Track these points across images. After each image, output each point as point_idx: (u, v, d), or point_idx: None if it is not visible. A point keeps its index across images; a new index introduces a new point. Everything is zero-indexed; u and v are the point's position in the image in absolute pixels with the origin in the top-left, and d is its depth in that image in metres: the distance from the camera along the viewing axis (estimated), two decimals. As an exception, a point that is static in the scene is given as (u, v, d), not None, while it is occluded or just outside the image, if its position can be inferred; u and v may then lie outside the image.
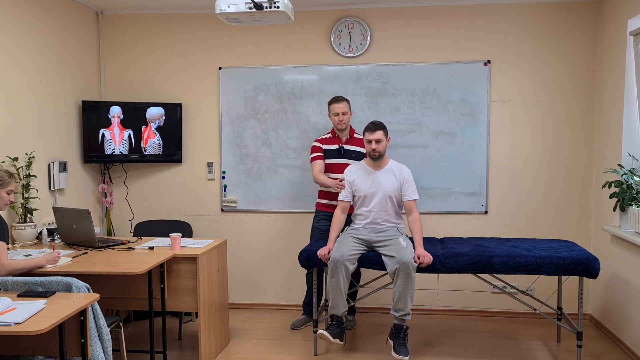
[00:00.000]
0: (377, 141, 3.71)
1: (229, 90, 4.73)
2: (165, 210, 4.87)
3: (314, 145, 4.19)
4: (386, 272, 3.58)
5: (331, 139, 4.18)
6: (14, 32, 3.76)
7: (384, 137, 3.73)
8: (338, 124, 4.11)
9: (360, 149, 4.13)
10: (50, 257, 3.13)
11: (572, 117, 4.44)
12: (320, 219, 4.21)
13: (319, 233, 4.19)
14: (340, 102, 4.10)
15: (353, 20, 4.55)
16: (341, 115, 4.08)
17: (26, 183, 3.75)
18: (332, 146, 4.15)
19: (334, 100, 4.12)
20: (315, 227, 4.24)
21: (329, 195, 4.16)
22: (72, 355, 2.56)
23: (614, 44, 4.09)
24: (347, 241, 3.68)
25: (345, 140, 4.17)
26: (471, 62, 4.49)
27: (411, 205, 3.77)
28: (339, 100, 4.11)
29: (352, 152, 4.15)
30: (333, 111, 4.11)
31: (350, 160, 4.11)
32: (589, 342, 4.04)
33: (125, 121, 4.62)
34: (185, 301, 3.52)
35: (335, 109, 4.09)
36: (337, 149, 4.14)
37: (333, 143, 4.16)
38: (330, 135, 4.20)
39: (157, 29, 4.78)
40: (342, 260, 3.53)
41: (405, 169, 3.82)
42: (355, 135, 4.21)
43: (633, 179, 3.78)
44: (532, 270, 3.45)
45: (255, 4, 2.86)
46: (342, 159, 4.14)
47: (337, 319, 3.63)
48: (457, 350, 3.90)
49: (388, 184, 3.75)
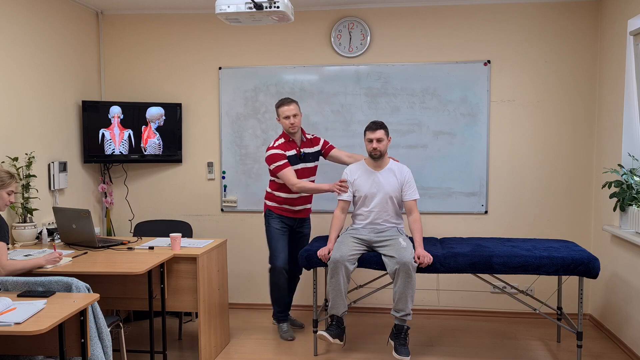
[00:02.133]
0: (378, 140, 3.68)
1: (229, 90, 4.73)
2: (165, 210, 4.87)
3: (275, 153, 3.90)
4: (386, 272, 3.58)
5: (287, 144, 3.95)
6: (14, 32, 3.76)
7: (385, 137, 3.70)
8: (290, 128, 3.90)
9: (316, 149, 4.06)
10: (51, 257, 3.13)
11: (572, 117, 4.44)
12: (278, 222, 4.08)
13: (280, 235, 4.07)
14: (289, 104, 3.89)
15: (353, 20, 4.55)
16: (292, 118, 3.88)
17: (26, 183, 3.75)
18: (290, 152, 3.95)
19: (283, 103, 3.91)
20: (275, 228, 4.07)
21: (290, 201, 4.03)
22: (72, 355, 2.56)
23: (614, 44, 4.09)
24: (347, 241, 3.67)
25: (300, 143, 4.01)
26: (471, 62, 4.49)
27: (412, 205, 3.76)
28: (289, 102, 3.90)
29: (309, 154, 4.04)
30: (283, 114, 3.89)
31: (308, 164, 4.02)
32: (589, 342, 4.04)
33: (125, 121, 4.62)
34: (185, 301, 3.52)
35: (286, 112, 3.88)
36: (296, 155, 3.97)
37: (290, 148, 3.95)
38: (283, 140, 3.96)
39: (157, 29, 4.78)
40: (342, 260, 3.52)
41: (405, 168, 3.81)
42: (307, 135, 4.08)
43: (633, 179, 3.78)
44: (532, 270, 3.45)
45: (255, 4, 2.86)
46: (302, 163, 4.00)
47: (337, 320, 3.63)
48: (457, 350, 3.90)
49: (389, 184, 3.74)
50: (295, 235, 4.20)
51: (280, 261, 4.03)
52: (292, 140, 3.97)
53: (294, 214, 4.10)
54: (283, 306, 4.18)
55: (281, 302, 4.16)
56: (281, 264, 4.03)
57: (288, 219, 4.10)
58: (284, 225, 4.09)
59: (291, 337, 4.10)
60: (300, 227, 4.19)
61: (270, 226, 4.09)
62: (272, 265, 4.07)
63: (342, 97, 4.61)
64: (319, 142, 4.12)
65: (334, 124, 4.63)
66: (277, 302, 4.17)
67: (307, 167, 4.02)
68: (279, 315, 4.20)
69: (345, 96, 4.61)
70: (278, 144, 3.94)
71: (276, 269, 4.05)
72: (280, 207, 4.06)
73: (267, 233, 4.12)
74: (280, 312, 4.19)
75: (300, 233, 4.21)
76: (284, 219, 4.08)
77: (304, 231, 4.23)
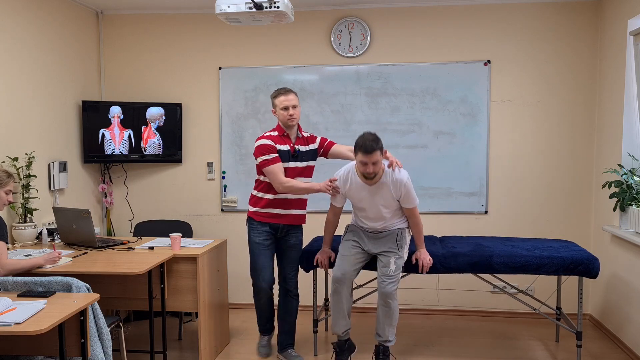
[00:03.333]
0: (373, 163, 3.21)
1: (229, 90, 4.73)
2: (165, 210, 4.87)
3: (265, 144, 3.43)
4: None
5: (280, 138, 3.49)
6: (14, 32, 3.76)
7: (380, 157, 3.22)
8: (288, 120, 3.45)
9: (312, 147, 3.61)
10: (50, 256, 3.12)
11: (572, 117, 4.44)
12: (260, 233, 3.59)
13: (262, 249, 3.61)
14: (288, 93, 3.46)
15: (353, 20, 4.55)
16: (291, 109, 3.43)
17: (26, 183, 3.75)
18: (283, 146, 3.48)
19: (280, 92, 3.47)
20: (255, 242, 3.61)
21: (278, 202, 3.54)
22: (72, 355, 2.56)
23: (614, 44, 4.09)
24: (349, 253, 3.48)
25: (295, 140, 3.56)
26: (471, 62, 4.49)
27: (410, 212, 3.46)
28: (287, 91, 3.47)
29: (303, 153, 3.57)
30: (281, 105, 3.44)
31: (301, 163, 3.56)
32: (589, 342, 4.04)
33: (125, 121, 4.62)
34: (185, 301, 3.52)
35: (284, 102, 3.43)
36: (289, 151, 3.50)
37: (284, 143, 3.48)
38: (277, 133, 3.50)
39: (157, 29, 4.78)
40: (344, 279, 3.38)
41: (401, 181, 3.34)
42: (303, 133, 3.63)
43: (633, 179, 3.78)
44: (532, 270, 3.45)
45: (255, 4, 2.86)
46: (294, 162, 3.52)
47: (339, 345, 3.50)
48: (457, 350, 3.90)
49: (383, 199, 3.39)
50: (280, 247, 3.67)
51: (262, 280, 3.61)
52: (286, 135, 3.52)
53: (279, 219, 3.58)
54: (265, 321, 3.81)
55: (264, 318, 3.80)
56: (264, 284, 3.62)
57: (271, 227, 3.59)
58: (266, 238, 3.59)
59: (266, 354, 3.77)
60: (285, 235, 3.64)
61: (250, 238, 3.62)
62: (253, 283, 3.68)
63: (342, 97, 4.61)
64: (315, 141, 3.66)
65: (334, 124, 4.63)
66: (260, 317, 3.81)
67: (298, 167, 3.54)
68: (260, 327, 3.84)
69: (345, 96, 4.61)
70: (270, 135, 3.48)
71: (257, 287, 3.65)
72: (263, 213, 3.56)
73: (249, 246, 3.66)
74: (262, 325, 3.83)
75: (286, 243, 3.66)
76: (265, 227, 3.58)
77: (289, 240, 3.65)
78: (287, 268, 3.70)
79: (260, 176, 3.57)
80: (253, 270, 3.64)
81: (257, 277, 3.63)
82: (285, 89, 3.49)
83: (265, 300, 3.70)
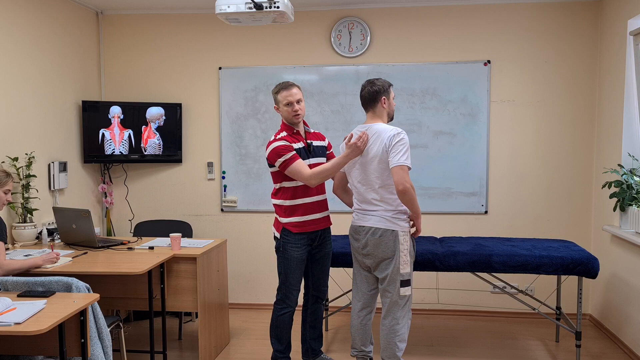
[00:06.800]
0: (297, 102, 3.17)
1: (229, 90, 4.74)
2: (165, 210, 4.87)
3: (280, 145, 3.14)
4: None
5: (291, 136, 3.24)
6: (13, 32, 3.76)
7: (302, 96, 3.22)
8: (294, 116, 3.21)
9: (323, 143, 3.39)
10: (48, 257, 3.12)
11: (572, 117, 4.44)
12: (299, 246, 3.25)
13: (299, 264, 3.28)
14: (291, 87, 3.20)
15: (353, 20, 4.55)
16: (296, 105, 3.19)
17: (26, 183, 3.75)
18: (297, 144, 3.23)
19: (283, 87, 3.21)
20: (294, 257, 3.25)
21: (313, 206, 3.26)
22: (72, 355, 2.57)
23: (614, 44, 4.09)
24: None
25: (306, 134, 3.33)
26: (471, 62, 4.49)
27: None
28: (290, 85, 3.21)
29: (318, 148, 3.33)
30: (284, 100, 3.19)
31: (317, 159, 3.28)
32: (588, 342, 4.04)
33: (125, 121, 4.62)
34: (185, 301, 3.52)
35: (288, 97, 3.18)
36: (304, 147, 3.26)
37: (297, 141, 3.24)
38: (286, 133, 3.24)
39: (157, 29, 4.78)
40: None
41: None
42: (309, 128, 3.43)
43: (633, 179, 3.78)
44: (532, 269, 3.46)
45: (255, 4, 2.86)
46: (312, 158, 3.27)
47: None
48: (457, 350, 3.90)
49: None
50: (314, 255, 3.37)
51: (293, 300, 3.31)
52: (296, 132, 3.27)
53: (316, 226, 3.29)
54: (288, 341, 3.41)
55: (284, 339, 3.39)
56: (294, 304, 3.33)
57: (310, 236, 3.28)
58: (304, 251, 3.27)
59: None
60: (321, 243, 3.36)
61: (287, 253, 3.24)
62: (282, 301, 3.33)
63: (342, 97, 4.61)
64: (325, 139, 3.44)
65: (334, 124, 4.63)
66: (279, 339, 3.38)
67: (319, 163, 3.25)
68: (277, 355, 3.40)
69: (345, 96, 4.61)
70: (281, 136, 3.22)
71: (288, 305, 3.32)
72: (302, 222, 3.23)
73: (282, 262, 3.27)
74: (280, 352, 3.40)
75: (321, 250, 3.37)
76: (303, 238, 3.25)
77: (325, 247, 3.38)
78: (323, 276, 3.43)
79: (278, 184, 3.26)
80: (286, 287, 3.29)
81: (290, 295, 3.30)
82: (287, 82, 3.24)
83: (289, 320, 3.36)
